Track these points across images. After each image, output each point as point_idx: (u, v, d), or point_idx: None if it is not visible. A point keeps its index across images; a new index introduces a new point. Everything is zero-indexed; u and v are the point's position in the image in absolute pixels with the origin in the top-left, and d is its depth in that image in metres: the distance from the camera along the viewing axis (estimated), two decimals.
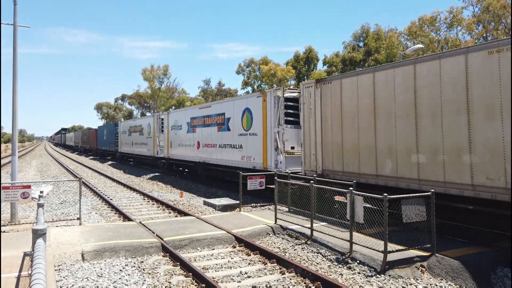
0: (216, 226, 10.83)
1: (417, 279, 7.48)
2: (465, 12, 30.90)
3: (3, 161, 43.91)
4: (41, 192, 10.18)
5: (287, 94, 16.05)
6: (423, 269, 7.86)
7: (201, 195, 18.81)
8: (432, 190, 8.40)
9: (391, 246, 8.13)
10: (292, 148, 15.92)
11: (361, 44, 44.95)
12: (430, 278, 7.60)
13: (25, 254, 8.06)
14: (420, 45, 21.96)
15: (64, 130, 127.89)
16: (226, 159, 19.41)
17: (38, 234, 6.25)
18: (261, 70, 50.47)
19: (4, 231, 10.67)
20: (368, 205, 8.56)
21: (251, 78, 53.96)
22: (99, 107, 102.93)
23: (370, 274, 7.64)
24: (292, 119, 15.96)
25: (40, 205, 8.55)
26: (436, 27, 31.44)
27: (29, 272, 4.56)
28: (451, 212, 9.47)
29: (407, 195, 8.39)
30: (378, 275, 7.55)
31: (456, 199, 8.96)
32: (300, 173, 13.86)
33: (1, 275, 6.89)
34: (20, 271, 7.16)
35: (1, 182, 10.44)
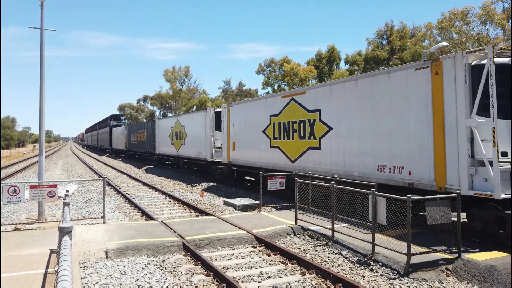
0: (236, 226, 10.86)
1: (442, 283, 7.30)
2: (497, 9, 29.90)
3: (31, 161, 45.43)
4: (67, 191, 10.46)
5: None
6: (448, 272, 7.66)
7: (222, 195, 18.90)
8: (458, 192, 8.17)
9: (415, 248, 7.97)
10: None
11: (384, 42, 44.17)
12: (455, 282, 7.40)
13: (52, 251, 8.28)
14: (445, 43, 21.42)
15: (117, 119, 65.52)
16: None
17: (64, 232, 6.42)
18: (283, 69, 50.31)
19: (32, 229, 11.01)
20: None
21: (272, 78, 53.87)
22: (121, 108, 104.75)
23: (393, 276, 7.50)
24: None
25: (66, 204, 8.79)
26: (466, 21, 30.50)
27: (56, 269, 4.68)
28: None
29: (432, 196, 8.19)
30: (401, 278, 7.40)
31: None
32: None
33: (30, 272, 7.12)
34: (47, 267, 7.37)
35: (28, 181, 10.77)
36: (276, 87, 52.53)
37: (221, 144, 22.40)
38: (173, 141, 30.85)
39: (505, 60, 9.21)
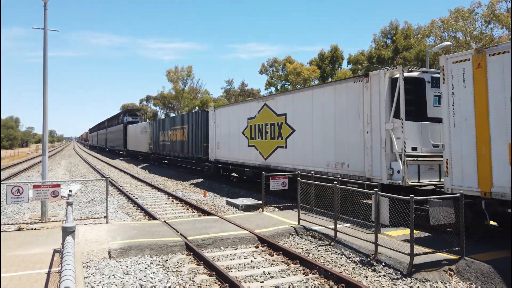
0: (239, 226, 10.86)
1: (445, 283, 7.27)
2: (501, 7, 29.77)
3: (34, 161, 45.64)
4: (70, 191, 10.50)
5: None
6: (452, 272, 7.64)
7: (224, 195, 18.91)
8: (461, 192, 8.14)
9: (418, 249, 7.94)
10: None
11: (388, 41, 44.06)
12: (458, 282, 7.37)
13: (55, 251, 8.31)
14: (448, 43, 21.38)
15: (133, 115, 54.26)
16: None
17: (67, 231, 6.45)
18: (286, 68, 50.37)
19: (35, 228, 11.06)
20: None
21: (275, 78, 53.90)
22: (124, 108, 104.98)
23: (396, 277, 7.48)
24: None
25: (69, 204, 8.81)
26: (470, 22, 30.38)
27: (59, 268, 4.70)
28: None
29: (435, 196, 8.17)
30: (404, 278, 7.39)
31: None
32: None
33: (33, 271, 7.14)
34: (50, 267, 7.39)
35: (31, 181, 10.82)
36: (279, 87, 52.56)
37: (413, 149, 10.85)
38: (254, 141, 19.14)
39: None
